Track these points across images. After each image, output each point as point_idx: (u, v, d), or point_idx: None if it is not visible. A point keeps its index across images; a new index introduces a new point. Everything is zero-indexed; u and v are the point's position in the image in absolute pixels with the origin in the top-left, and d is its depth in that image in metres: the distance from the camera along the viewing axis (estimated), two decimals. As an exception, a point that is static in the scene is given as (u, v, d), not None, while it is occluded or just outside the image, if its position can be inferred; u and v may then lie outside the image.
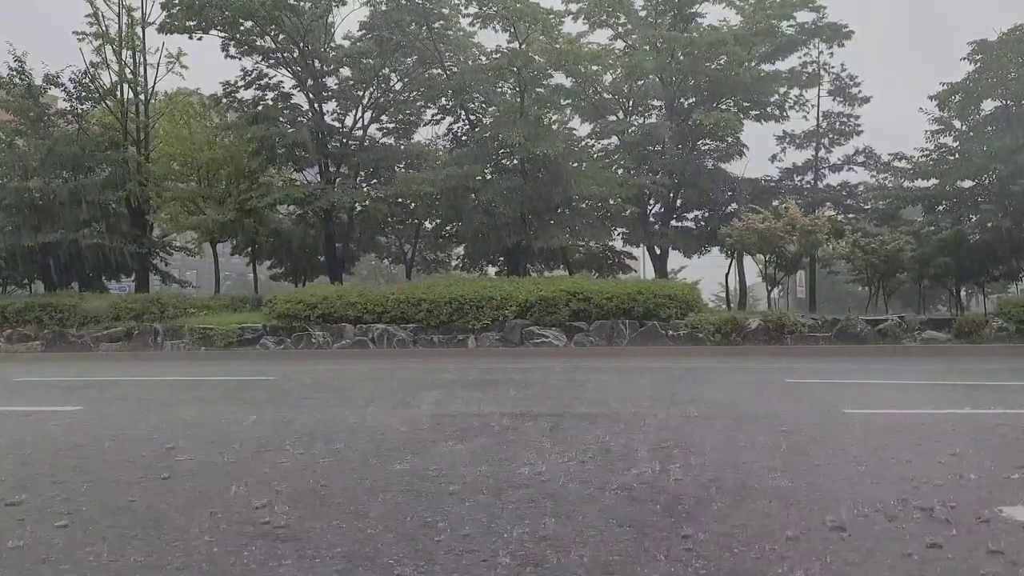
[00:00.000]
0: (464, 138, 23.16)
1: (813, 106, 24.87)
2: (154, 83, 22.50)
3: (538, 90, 21.06)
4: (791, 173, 25.42)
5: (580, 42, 22.09)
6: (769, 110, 23.61)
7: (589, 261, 24.97)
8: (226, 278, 31.28)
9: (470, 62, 22.25)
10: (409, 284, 18.10)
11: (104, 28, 21.52)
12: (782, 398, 6.91)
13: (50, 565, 2.41)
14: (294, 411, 6.23)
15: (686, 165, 22.81)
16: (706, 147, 23.95)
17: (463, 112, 22.88)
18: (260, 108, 22.03)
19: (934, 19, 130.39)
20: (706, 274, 26.81)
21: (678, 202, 24.16)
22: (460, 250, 26.00)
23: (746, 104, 23.30)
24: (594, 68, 22.66)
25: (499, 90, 21.76)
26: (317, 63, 21.95)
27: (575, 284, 15.60)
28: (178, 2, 19.86)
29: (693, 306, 15.11)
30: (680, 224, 24.60)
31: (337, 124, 23.10)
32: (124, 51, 21.70)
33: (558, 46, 20.56)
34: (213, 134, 22.65)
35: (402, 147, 23.87)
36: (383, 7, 21.14)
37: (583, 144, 24.11)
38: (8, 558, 2.50)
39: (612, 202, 21.89)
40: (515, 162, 20.69)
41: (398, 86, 23.06)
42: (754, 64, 22.27)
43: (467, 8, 20.88)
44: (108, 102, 21.96)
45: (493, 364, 11.13)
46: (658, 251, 23.87)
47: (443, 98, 22.70)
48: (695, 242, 23.81)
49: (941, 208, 22.59)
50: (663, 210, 24.22)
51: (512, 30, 20.87)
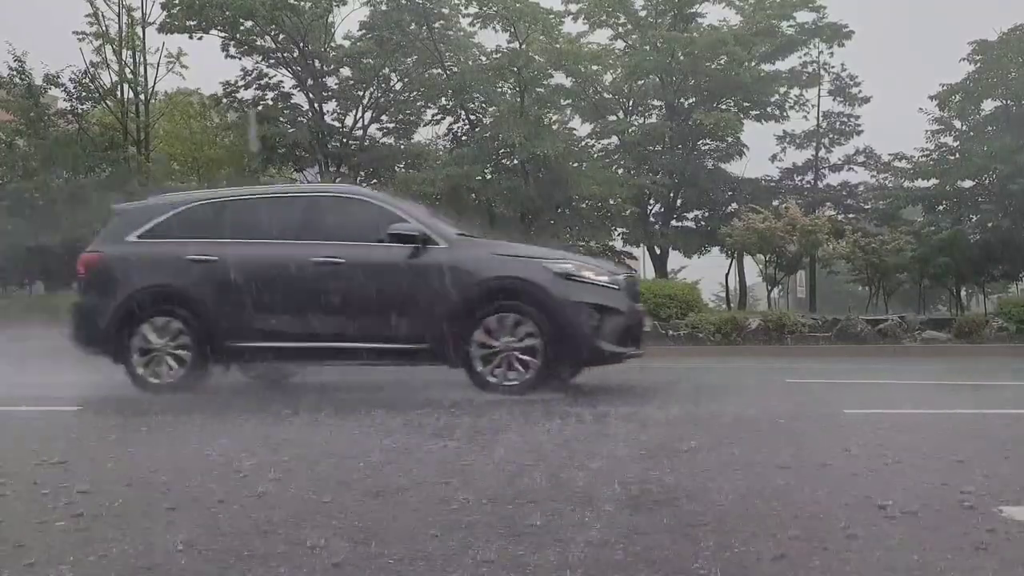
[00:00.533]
0: (464, 138, 23.20)
1: (813, 106, 24.95)
2: (154, 83, 22.53)
3: (538, 90, 21.10)
4: (791, 173, 25.46)
5: (580, 42, 22.15)
6: (769, 110, 23.67)
7: (589, 261, 24.98)
8: (226, 278, 31.29)
9: (470, 62, 22.29)
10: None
11: (104, 28, 21.54)
12: (782, 398, 6.92)
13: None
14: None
15: (686, 165, 22.85)
16: (706, 147, 24.00)
17: (463, 112, 22.92)
18: (260, 108, 22.07)
19: (934, 19, 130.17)
20: (706, 274, 26.80)
21: (678, 202, 24.20)
22: (460, 250, 26.01)
23: (746, 104, 23.35)
24: (594, 68, 22.71)
25: (499, 90, 21.80)
26: (317, 63, 21.98)
27: (575, 284, 15.60)
28: (178, 2, 19.91)
29: (693, 306, 15.11)
30: (680, 224, 24.64)
31: (337, 124, 23.15)
32: (124, 51, 21.72)
33: (558, 46, 20.60)
34: (213, 134, 22.68)
35: (402, 147, 23.91)
36: (383, 7, 21.18)
37: (583, 144, 24.16)
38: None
39: (612, 202, 21.93)
40: (515, 162, 20.72)
41: (398, 86, 23.10)
42: (754, 64, 22.32)
43: (467, 8, 20.95)
44: (108, 102, 21.97)
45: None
46: (658, 251, 23.91)
47: (443, 98, 22.74)
48: (695, 242, 23.84)
49: (941, 208, 22.64)
50: (663, 210, 24.26)
51: (512, 30, 20.90)
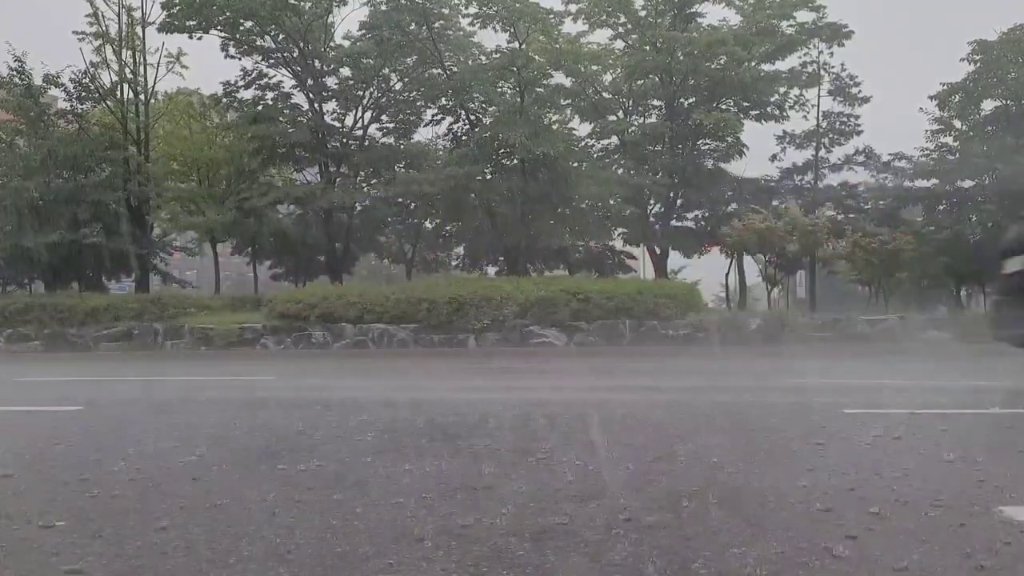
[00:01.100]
0: (464, 138, 23.18)
1: (813, 106, 24.91)
2: (154, 83, 22.57)
3: (538, 90, 21.09)
4: (791, 173, 25.43)
5: (580, 42, 22.14)
6: (769, 110, 23.64)
7: (589, 261, 24.99)
8: (226, 278, 31.27)
9: (470, 62, 22.26)
10: (409, 284, 18.14)
11: (104, 28, 21.57)
12: (782, 398, 6.92)
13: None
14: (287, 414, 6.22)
15: (686, 165, 22.83)
16: (706, 147, 23.98)
17: (463, 112, 22.89)
18: (260, 108, 22.06)
19: (934, 19, 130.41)
20: (706, 274, 26.84)
21: (678, 202, 24.18)
22: (460, 250, 26.02)
23: (746, 104, 23.33)
24: (594, 68, 22.71)
25: (499, 90, 21.77)
26: (317, 63, 21.97)
27: (575, 284, 15.64)
28: (178, 2, 19.91)
29: (693, 306, 15.14)
30: (680, 224, 24.62)
31: (337, 124, 23.14)
32: (124, 51, 21.74)
33: (558, 46, 20.60)
34: (213, 134, 22.68)
35: (402, 147, 23.88)
36: (383, 7, 21.15)
37: (583, 144, 24.13)
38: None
39: (612, 202, 21.91)
40: (515, 162, 20.70)
41: (398, 86, 23.08)
42: (754, 64, 22.30)
43: (467, 8, 20.91)
44: (108, 102, 21.99)
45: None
46: (658, 251, 23.89)
47: (443, 98, 22.71)
48: (695, 242, 23.83)
49: (941, 208, 22.62)
50: (663, 210, 24.24)
51: (512, 30, 20.89)
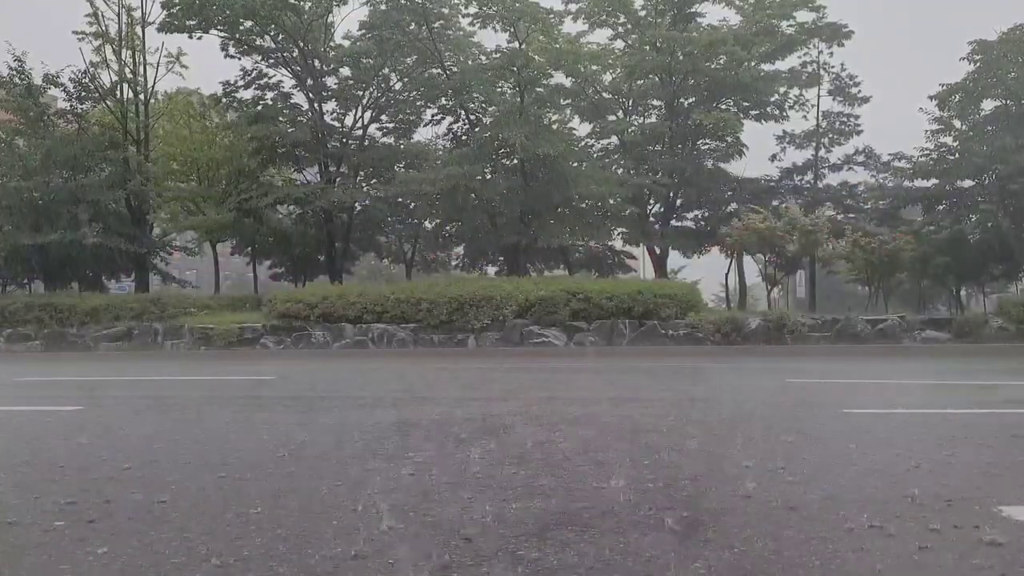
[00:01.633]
0: (464, 138, 23.19)
1: (813, 106, 24.97)
2: (154, 83, 22.57)
3: (538, 90, 21.09)
4: (791, 173, 25.47)
5: (580, 42, 22.14)
6: (769, 110, 23.66)
7: (589, 261, 25.00)
8: (226, 278, 31.30)
9: (470, 62, 22.27)
10: (409, 284, 18.09)
11: (104, 28, 21.57)
12: (782, 398, 6.92)
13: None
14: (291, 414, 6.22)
15: (686, 165, 22.83)
16: (706, 147, 23.99)
17: (463, 112, 22.90)
18: (260, 108, 22.05)
19: (934, 19, 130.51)
20: (706, 274, 26.84)
21: (678, 202, 24.20)
22: (460, 250, 26.03)
23: (746, 104, 23.34)
24: (594, 68, 22.71)
25: (499, 90, 21.78)
26: (317, 63, 21.97)
27: (575, 284, 15.61)
28: (178, 2, 19.90)
29: (693, 306, 15.11)
30: (680, 224, 24.65)
31: (337, 124, 23.15)
32: (124, 51, 21.73)
33: (558, 46, 20.60)
34: (213, 134, 22.66)
35: (402, 147, 23.88)
36: (383, 7, 21.16)
37: (583, 144, 24.15)
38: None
39: (612, 202, 21.92)
40: (515, 162, 20.71)
41: (398, 86, 23.09)
42: (754, 64, 22.31)
43: (467, 8, 20.93)
44: (108, 102, 21.98)
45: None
46: (658, 251, 23.89)
47: (443, 98, 22.73)
48: (695, 242, 23.84)
49: (941, 208, 22.63)
50: (663, 210, 24.25)
51: (512, 30, 20.89)
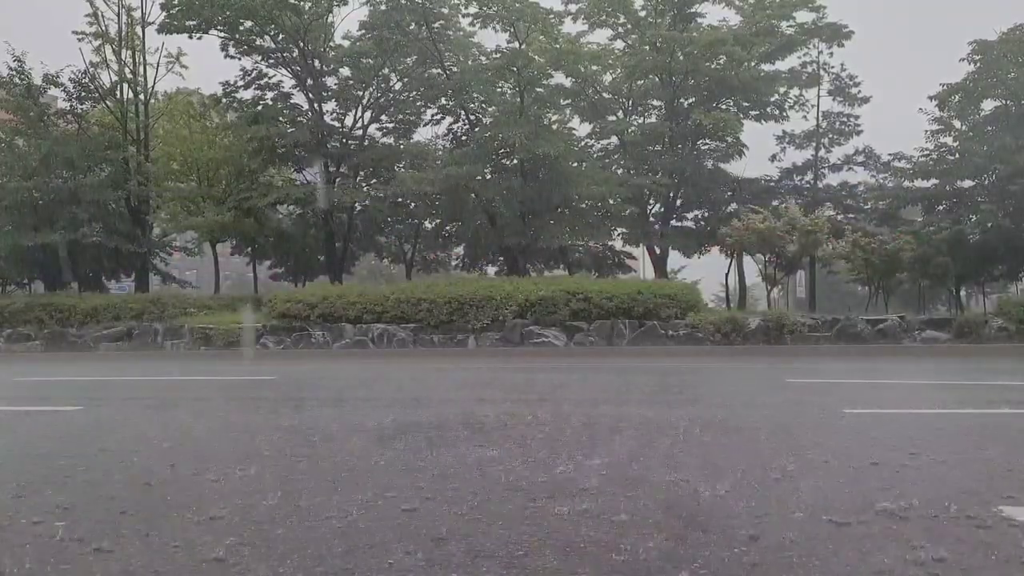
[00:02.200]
0: (464, 138, 23.19)
1: (813, 106, 24.97)
2: (154, 83, 22.61)
3: (538, 90, 21.09)
4: (791, 173, 25.47)
5: (580, 42, 22.13)
6: (769, 110, 23.66)
7: (589, 261, 24.99)
8: (226, 278, 31.30)
9: (470, 62, 22.27)
10: (409, 284, 18.09)
11: (104, 28, 21.60)
12: (782, 398, 6.92)
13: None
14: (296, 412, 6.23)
15: (686, 165, 22.83)
16: (706, 147, 23.99)
17: (463, 112, 22.90)
18: (260, 108, 22.05)
19: (934, 19, 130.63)
20: (706, 274, 26.84)
21: (678, 202, 24.19)
22: (460, 250, 26.02)
23: (746, 104, 23.34)
24: (594, 68, 22.70)
25: (499, 90, 21.78)
26: (317, 63, 21.97)
27: (575, 284, 15.60)
28: (178, 2, 19.90)
29: (693, 306, 15.11)
30: (680, 224, 24.63)
31: (337, 124, 23.15)
32: (124, 51, 21.76)
33: (558, 46, 20.59)
34: (213, 134, 22.67)
35: (402, 147, 23.89)
36: (383, 7, 21.15)
37: (583, 144, 24.14)
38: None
39: (612, 202, 21.92)
40: (515, 162, 20.71)
41: (398, 86, 23.09)
42: (754, 64, 22.31)
43: (467, 8, 20.93)
44: (108, 102, 22.00)
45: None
46: (658, 251, 23.89)
47: (443, 98, 22.72)
48: (695, 242, 23.83)
49: (941, 208, 22.63)
50: (663, 210, 24.24)
51: (512, 30, 20.89)
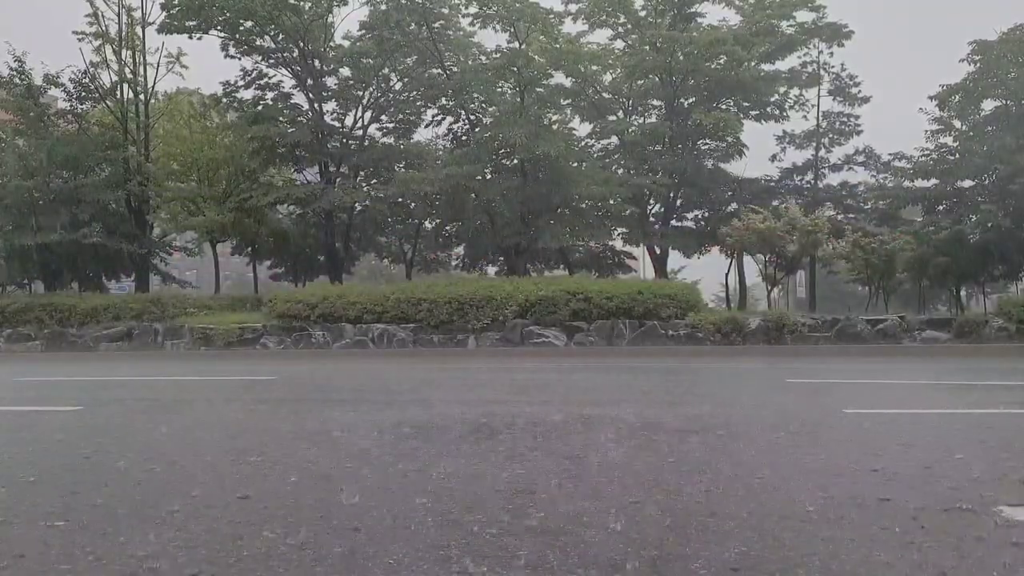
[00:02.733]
0: (464, 138, 23.19)
1: (813, 106, 24.99)
2: (154, 83, 22.62)
3: (538, 90, 21.09)
4: (791, 173, 25.48)
5: (580, 42, 22.13)
6: (769, 110, 23.67)
7: (589, 261, 25.00)
8: (226, 278, 31.30)
9: (470, 62, 22.27)
10: (409, 284, 18.08)
11: (104, 28, 21.61)
12: (782, 398, 6.92)
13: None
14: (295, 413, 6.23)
15: (686, 165, 22.84)
16: (706, 147, 24.00)
17: (463, 112, 22.90)
18: (260, 108, 22.06)
19: (934, 19, 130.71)
20: (706, 274, 26.86)
21: (678, 202, 24.20)
22: (460, 250, 26.03)
23: (746, 104, 23.36)
24: (594, 68, 22.70)
25: (499, 90, 21.78)
26: (317, 63, 21.98)
27: (575, 284, 15.61)
28: (178, 2, 19.92)
29: (693, 306, 15.11)
30: (680, 224, 24.65)
31: (337, 124, 23.15)
32: (124, 51, 21.77)
33: (558, 46, 20.58)
34: (213, 134, 22.68)
35: (402, 147, 23.89)
36: (383, 7, 21.16)
37: (583, 144, 24.14)
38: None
39: (612, 202, 21.94)
40: (515, 162, 20.71)
41: (398, 86, 23.09)
42: (754, 64, 22.32)
43: (467, 8, 20.93)
44: (108, 102, 22.01)
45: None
46: (658, 251, 23.89)
47: (443, 98, 22.72)
48: (695, 242, 23.84)
49: (941, 208, 22.63)
50: (663, 210, 24.26)
51: (512, 30, 20.90)
